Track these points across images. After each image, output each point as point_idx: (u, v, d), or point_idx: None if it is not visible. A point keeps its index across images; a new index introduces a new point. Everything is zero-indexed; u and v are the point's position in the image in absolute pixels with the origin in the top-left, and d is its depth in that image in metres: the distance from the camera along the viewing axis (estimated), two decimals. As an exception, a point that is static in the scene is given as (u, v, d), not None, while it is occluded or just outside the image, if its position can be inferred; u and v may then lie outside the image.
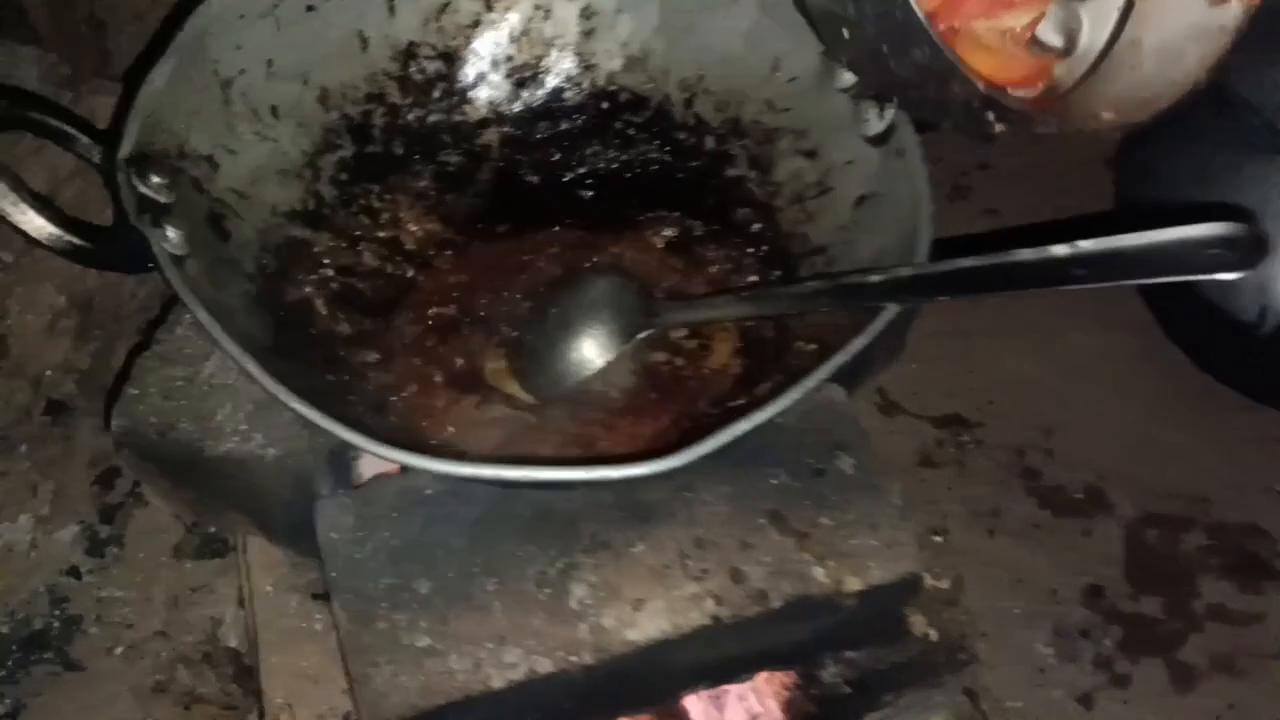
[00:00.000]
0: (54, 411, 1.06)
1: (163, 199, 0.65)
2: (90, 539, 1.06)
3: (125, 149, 0.64)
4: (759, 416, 0.59)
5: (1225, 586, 1.15)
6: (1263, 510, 1.21)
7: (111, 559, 1.06)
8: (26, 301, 1.00)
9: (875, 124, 0.74)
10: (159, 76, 0.68)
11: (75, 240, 0.59)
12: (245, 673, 0.99)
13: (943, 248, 0.66)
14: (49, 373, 1.04)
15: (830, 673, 0.84)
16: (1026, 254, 0.59)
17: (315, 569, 0.82)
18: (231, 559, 1.05)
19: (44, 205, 0.58)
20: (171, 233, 0.63)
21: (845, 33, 0.65)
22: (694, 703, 0.95)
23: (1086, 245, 0.57)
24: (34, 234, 0.58)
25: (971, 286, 0.61)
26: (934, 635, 0.86)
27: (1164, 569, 1.17)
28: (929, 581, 0.83)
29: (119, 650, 1.01)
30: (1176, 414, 1.29)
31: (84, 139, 0.66)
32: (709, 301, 0.75)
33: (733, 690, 1.00)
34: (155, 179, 0.65)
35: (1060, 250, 0.58)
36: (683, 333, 0.79)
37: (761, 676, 0.88)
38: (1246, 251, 0.54)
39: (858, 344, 0.62)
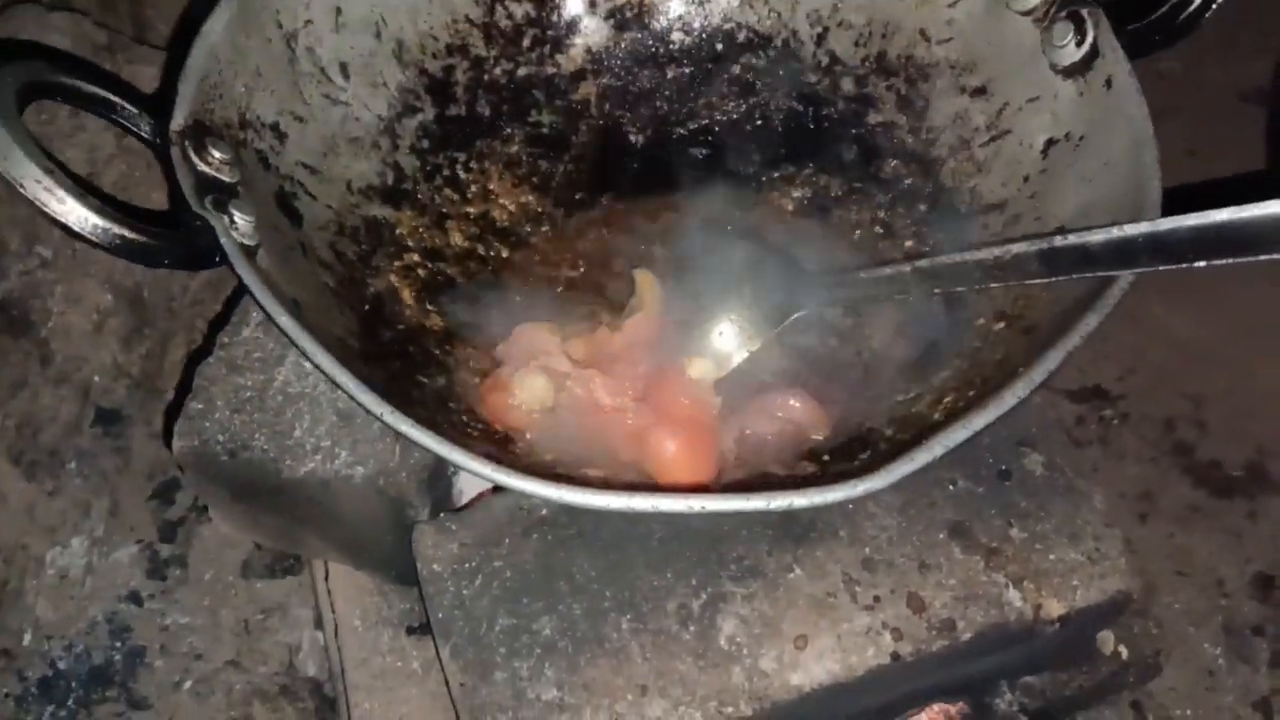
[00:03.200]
0: (105, 421, 0.97)
1: (226, 178, 0.55)
2: (151, 560, 0.97)
3: (179, 118, 0.55)
4: (976, 422, 0.48)
5: None
6: None
7: (175, 581, 0.96)
8: (70, 300, 0.91)
9: (1071, 51, 0.63)
10: (215, 28, 0.59)
11: (126, 233, 0.48)
12: (328, 705, 0.90)
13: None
14: (97, 378, 0.95)
15: (1006, 701, 0.74)
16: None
17: (409, 598, 0.74)
18: (306, 576, 0.95)
19: (87, 192, 0.47)
20: (240, 219, 0.53)
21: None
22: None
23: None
24: (76, 227, 0.47)
25: (1240, 247, 0.48)
26: (1125, 653, 0.76)
27: None
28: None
29: (188, 685, 0.92)
30: None
31: (129, 107, 0.55)
32: (871, 276, 0.63)
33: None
34: (216, 154, 0.55)
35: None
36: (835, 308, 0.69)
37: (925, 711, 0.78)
38: None
39: (1089, 323, 0.51)
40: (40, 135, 0.81)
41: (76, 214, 0.47)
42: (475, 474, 0.46)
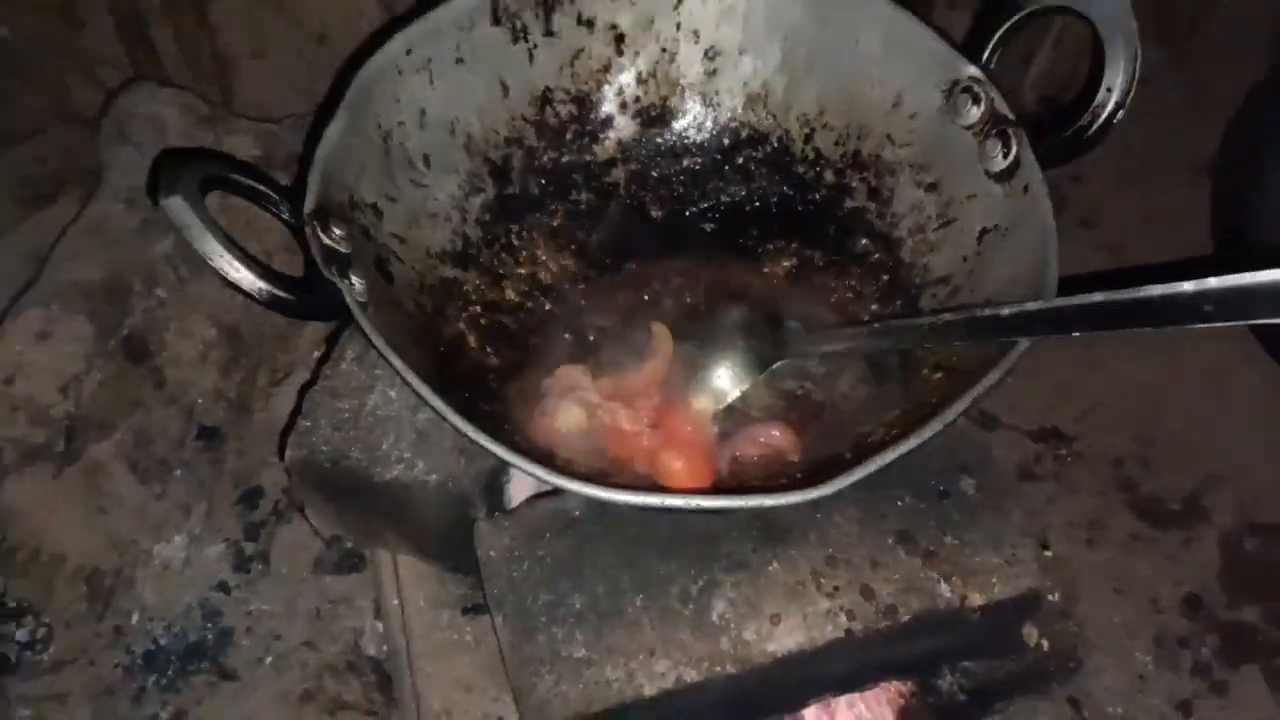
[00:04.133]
0: (205, 437, 1.11)
1: (343, 249, 0.70)
2: (237, 556, 1.12)
3: (310, 203, 0.70)
4: (902, 448, 0.64)
5: (1326, 593, 1.16)
6: (1360, 517, 1.21)
7: (257, 574, 1.11)
8: (181, 333, 1.07)
9: (999, 161, 0.78)
10: (333, 133, 0.74)
11: (279, 293, 0.65)
12: (386, 681, 1.04)
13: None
14: (200, 400, 1.09)
15: (948, 682, 0.88)
16: (1156, 290, 0.61)
17: (464, 585, 0.88)
18: (368, 573, 1.10)
19: (253, 262, 0.64)
20: (356, 281, 0.68)
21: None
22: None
23: (1214, 283, 0.60)
24: (246, 288, 0.64)
25: (1103, 322, 0.63)
26: (1046, 646, 0.89)
27: (1262, 577, 1.18)
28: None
29: (269, 660, 1.06)
30: (1276, 424, 1.30)
31: (274, 195, 0.72)
32: (838, 333, 0.80)
33: (842, 698, 1.04)
34: (336, 230, 0.70)
35: (1188, 287, 0.60)
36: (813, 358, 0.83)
37: (880, 685, 0.92)
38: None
39: (992, 378, 0.66)
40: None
41: (247, 280, 0.64)
42: (542, 479, 0.61)
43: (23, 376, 0.95)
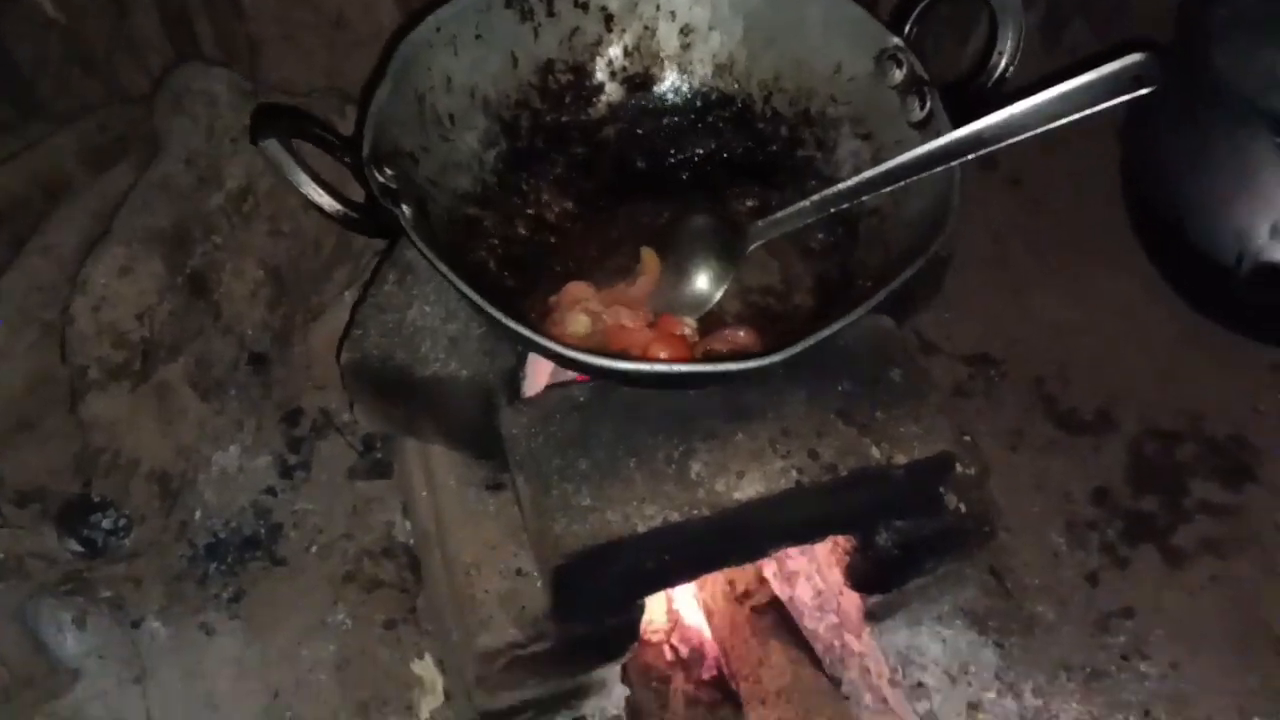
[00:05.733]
0: (255, 363, 1.27)
1: (394, 185, 0.87)
2: (281, 465, 1.29)
3: (366, 150, 0.87)
4: (835, 326, 0.81)
5: (1212, 487, 1.37)
6: (1247, 425, 1.43)
7: (300, 480, 1.28)
8: (235, 273, 1.23)
9: (917, 113, 0.95)
10: (381, 94, 0.91)
11: (351, 214, 0.84)
12: (415, 563, 1.22)
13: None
14: (250, 331, 1.25)
15: (883, 538, 1.04)
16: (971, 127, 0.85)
17: (486, 468, 1.04)
18: (395, 480, 1.28)
19: (330, 189, 0.82)
20: (405, 209, 0.85)
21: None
22: (771, 580, 1.18)
23: (999, 116, 0.84)
24: (325, 209, 0.82)
25: (949, 158, 0.87)
26: (964, 509, 1.07)
27: (1160, 474, 1.38)
28: (959, 469, 1.04)
29: (314, 549, 1.23)
30: (1175, 348, 1.50)
31: (338, 144, 0.90)
32: (788, 213, 0.96)
33: (800, 571, 1.23)
34: (388, 170, 0.87)
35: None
36: (773, 278, 1.02)
37: (826, 547, 1.11)
38: (1155, 74, 0.79)
39: (905, 274, 0.83)
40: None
41: (327, 203, 0.82)
42: (568, 356, 0.78)
43: (108, 305, 1.12)
